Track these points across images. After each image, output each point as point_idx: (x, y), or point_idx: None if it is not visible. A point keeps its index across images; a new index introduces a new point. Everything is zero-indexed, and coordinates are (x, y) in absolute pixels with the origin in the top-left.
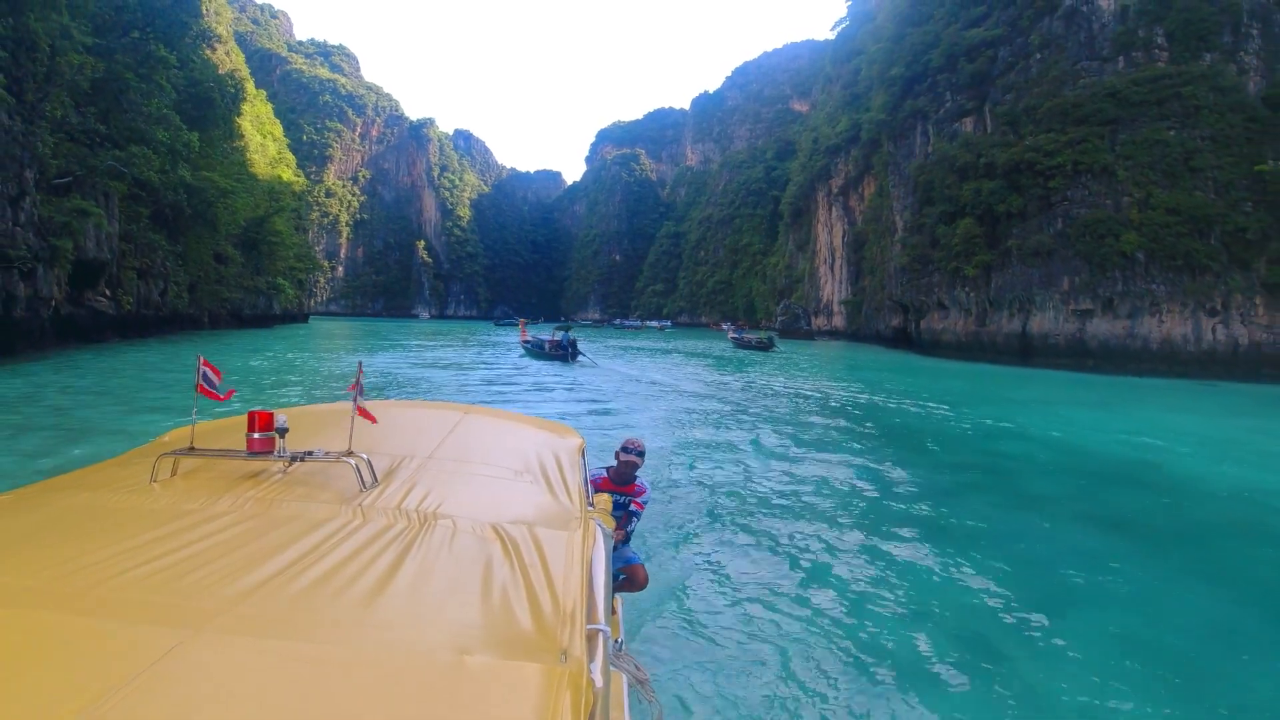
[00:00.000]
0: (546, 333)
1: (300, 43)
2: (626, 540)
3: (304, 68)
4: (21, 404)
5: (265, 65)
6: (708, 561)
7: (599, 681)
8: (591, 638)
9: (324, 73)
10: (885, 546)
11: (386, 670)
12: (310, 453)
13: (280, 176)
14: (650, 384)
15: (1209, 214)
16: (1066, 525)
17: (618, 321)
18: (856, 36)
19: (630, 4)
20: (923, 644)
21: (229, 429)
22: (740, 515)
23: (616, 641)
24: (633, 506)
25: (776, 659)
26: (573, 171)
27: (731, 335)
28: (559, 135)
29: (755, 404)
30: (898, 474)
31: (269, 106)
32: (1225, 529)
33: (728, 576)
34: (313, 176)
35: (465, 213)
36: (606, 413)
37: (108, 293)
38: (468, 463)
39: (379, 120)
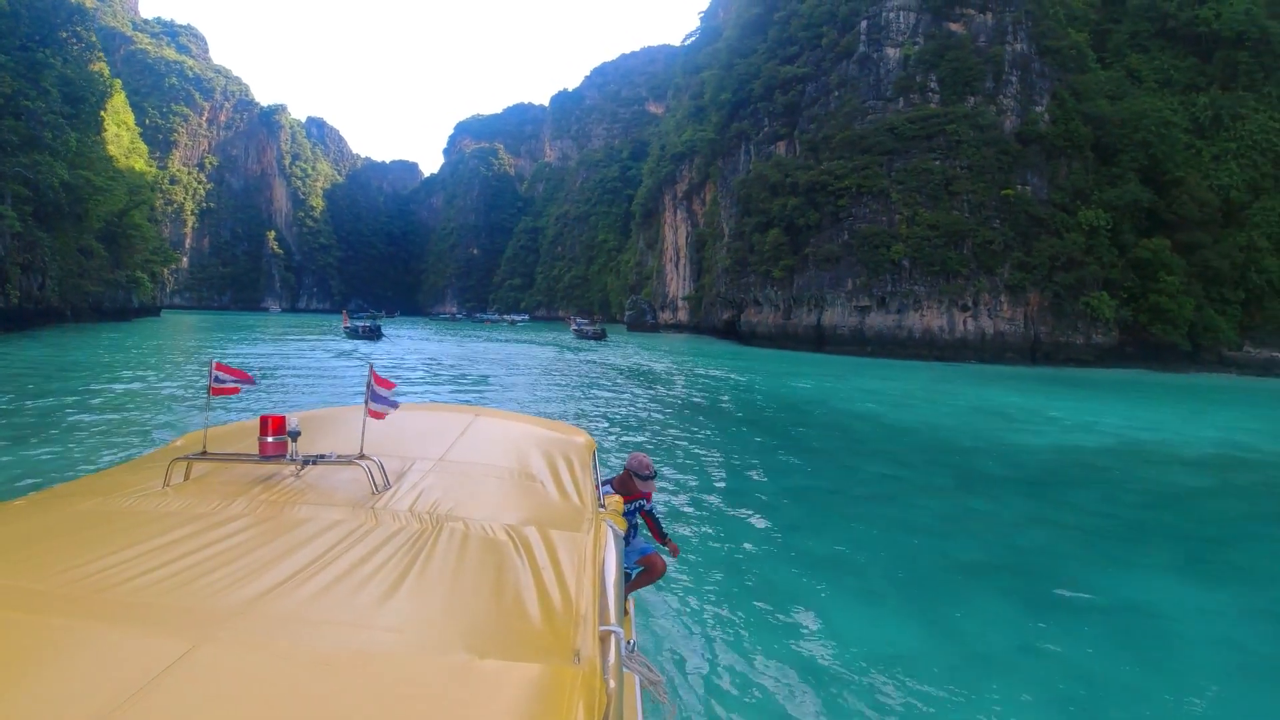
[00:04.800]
0: (363, 320)
1: (146, 21)
2: (635, 534)
3: (149, 48)
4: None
5: (108, 44)
6: None
7: (612, 683)
8: (604, 639)
9: (171, 54)
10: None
11: (400, 673)
12: (322, 456)
13: (134, 167)
14: (425, 351)
15: (963, 229)
16: (739, 427)
17: (464, 314)
18: (702, 51)
19: None
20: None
21: (241, 433)
22: None
23: (629, 643)
24: (645, 503)
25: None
26: (430, 163)
27: (573, 327)
28: (416, 125)
29: (551, 371)
30: (629, 410)
31: (123, 95)
32: (830, 428)
33: None
34: (157, 162)
35: (318, 203)
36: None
37: None
38: (479, 465)
39: (228, 105)
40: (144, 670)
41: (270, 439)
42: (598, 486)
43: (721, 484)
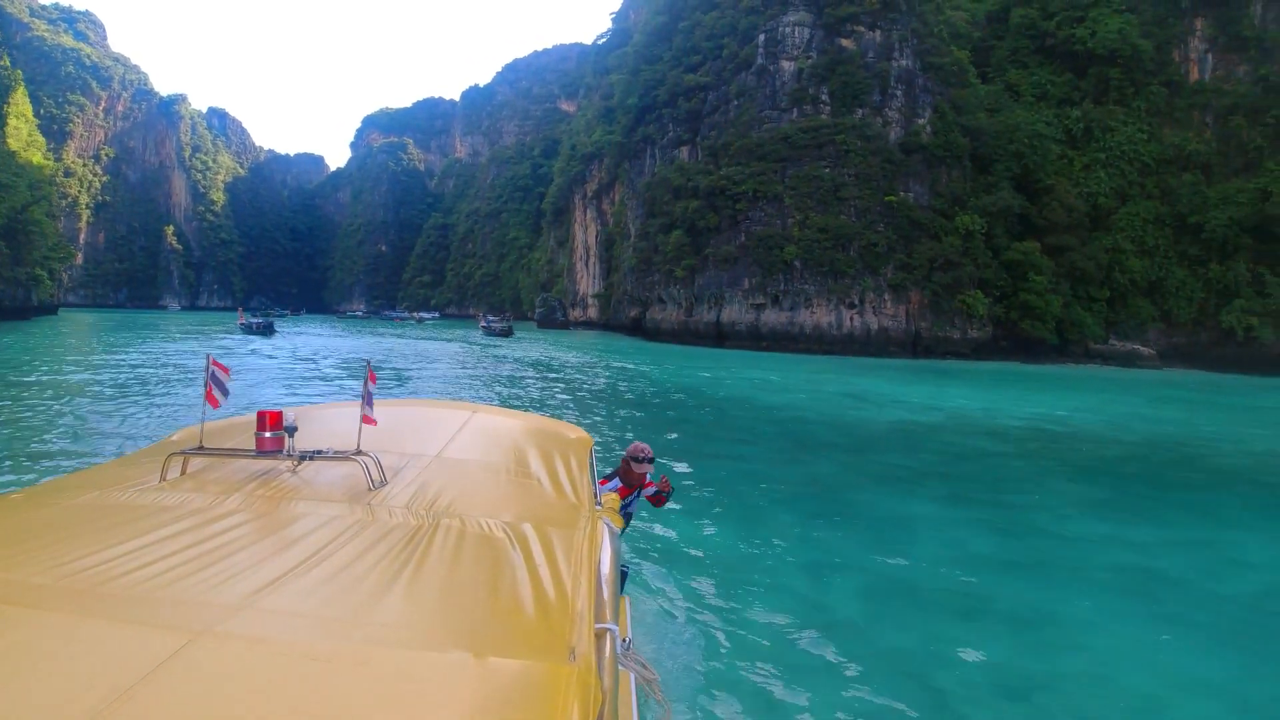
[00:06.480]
0: (258, 318)
1: (43, 7)
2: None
3: (46, 35)
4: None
5: (5, 32)
6: None
7: (607, 680)
8: (600, 636)
9: (68, 41)
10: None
11: (396, 669)
12: (319, 451)
13: (32, 160)
14: (333, 349)
15: (850, 232)
16: (627, 409)
17: (370, 311)
18: (613, 54)
19: None
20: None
21: (238, 428)
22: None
23: (624, 640)
24: (644, 490)
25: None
26: (336, 157)
27: (482, 325)
28: (322, 117)
29: (466, 363)
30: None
31: (23, 87)
32: (705, 409)
33: None
34: (52, 154)
35: (219, 197)
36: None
37: None
38: (475, 461)
39: (125, 95)
40: (141, 665)
41: (267, 434)
42: (594, 484)
43: (598, 450)
